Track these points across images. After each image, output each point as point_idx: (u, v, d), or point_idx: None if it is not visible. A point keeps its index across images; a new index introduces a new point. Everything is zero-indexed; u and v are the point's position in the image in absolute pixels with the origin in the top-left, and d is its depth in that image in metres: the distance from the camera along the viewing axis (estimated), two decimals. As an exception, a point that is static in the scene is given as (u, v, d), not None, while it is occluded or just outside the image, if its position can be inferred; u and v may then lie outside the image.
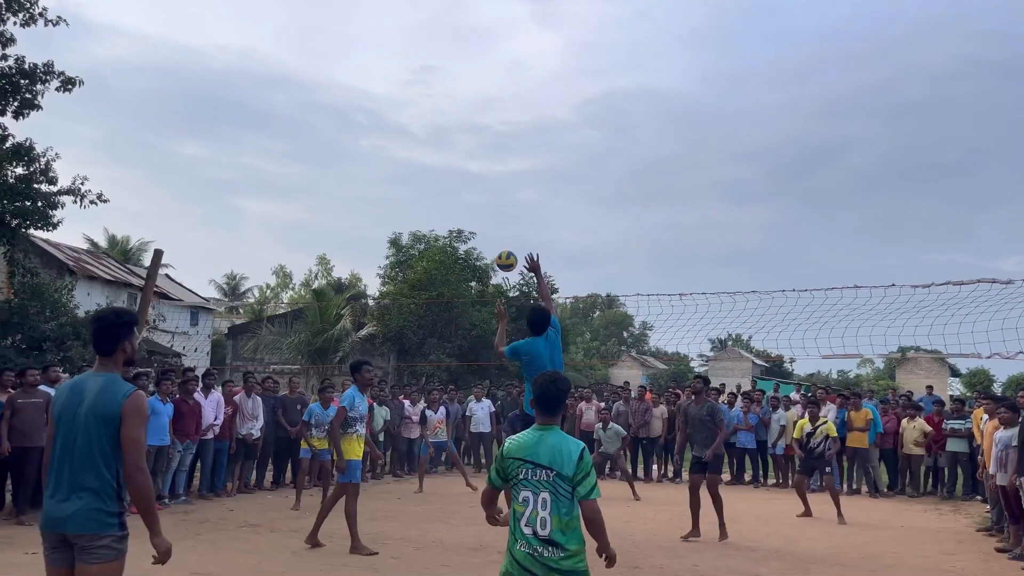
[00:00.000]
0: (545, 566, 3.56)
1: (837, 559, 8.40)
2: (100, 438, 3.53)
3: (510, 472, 3.72)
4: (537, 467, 3.64)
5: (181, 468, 10.96)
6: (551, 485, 3.61)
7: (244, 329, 33.81)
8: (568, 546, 3.58)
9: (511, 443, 3.79)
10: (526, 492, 3.64)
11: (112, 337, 3.69)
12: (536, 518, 3.59)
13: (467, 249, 29.10)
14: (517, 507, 3.66)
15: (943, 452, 13.90)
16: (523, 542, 3.60)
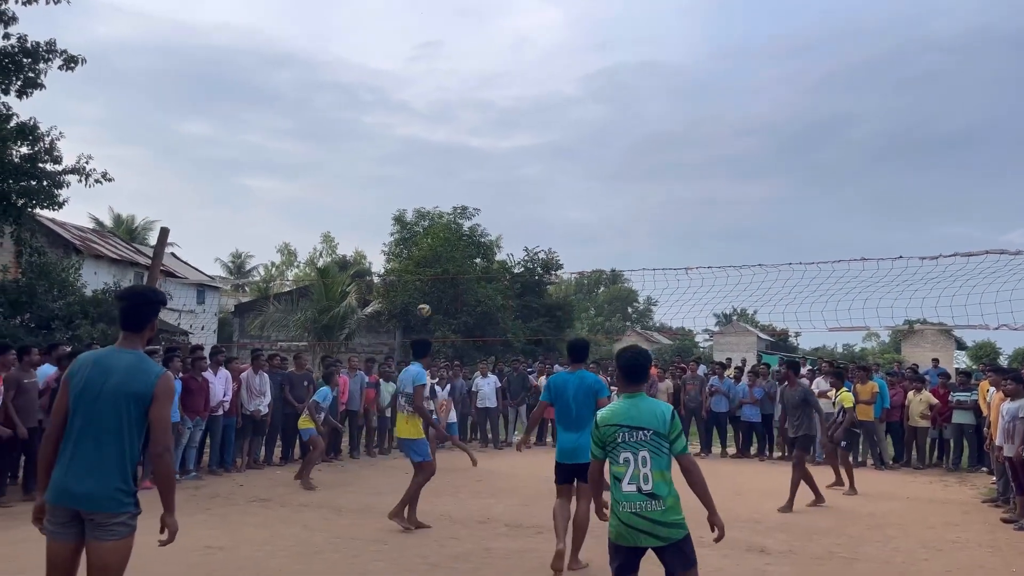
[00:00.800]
0: (650, 520, 3.87)
1: (842, 530, 8.45)
2: (129, 415, 3.53)
3: (607, 439, 4.03)
4: (634, 429, 3.99)
5: (191, 444, 11.05)
6: (649, 444, 3.96)
7: (250, 307, 33.93)
8: (667, 499, 3.91)
9: (603, 413, 4.14)
10: (626, 453, 3.97)
11: (144, 315, 3.72)
12: (639, 475, 3.92)
13: (471, 226, 29.10)
14: (618, 469, 3.97)
15: (949, 424, 13.93)
16: (626, 502, 3.91)
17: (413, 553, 6.93)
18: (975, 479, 12.67)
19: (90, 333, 15.90)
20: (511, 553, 7.04)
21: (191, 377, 10.90)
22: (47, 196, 14.34)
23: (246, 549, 6.94)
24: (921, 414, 13.93)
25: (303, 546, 7.13)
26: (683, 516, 3.97)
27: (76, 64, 14.32)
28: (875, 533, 8.36)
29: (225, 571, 6.20)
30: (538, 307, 29.00)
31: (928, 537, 8.20)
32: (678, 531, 3.90)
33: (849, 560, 7.12)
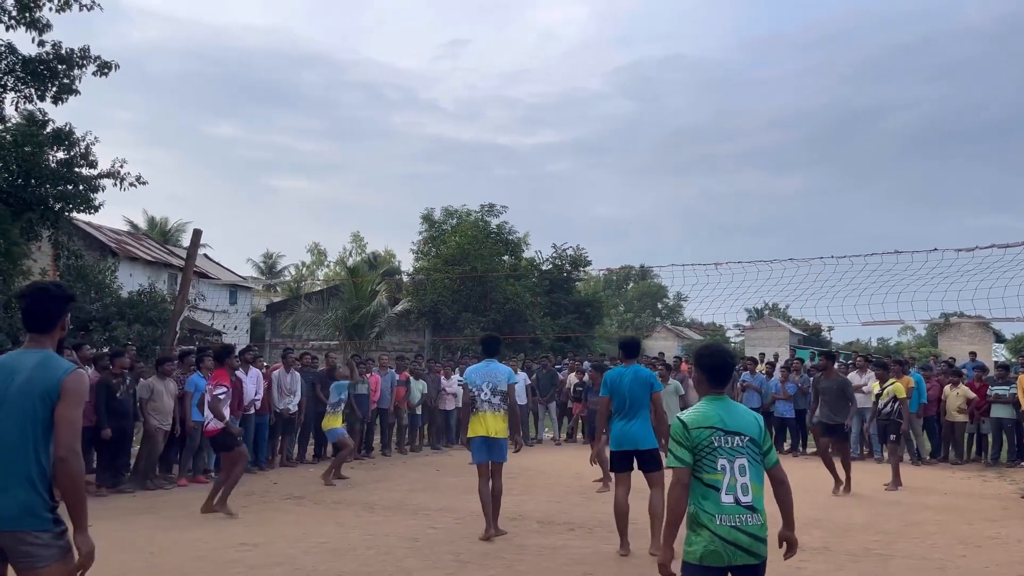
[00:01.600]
0: (751, 536, 3.44)
1: (878, 526, 8.34)
2: (36, 418, 3.08)
3: (701, 442, 3.53)
4: (729, 433, 3.55)
5: (226, 443, 11.21)
6: (746, 450, 3.55)
7: (282, 306, 34.31)
8: (762, 513, 3.51)
9: (693, 415, 3.63)
10: (722, 460, 3.50)
11: (51, 313, 3.29)
12: (736, 485, 3.48)
13: (499, 223, 29.13)
14: (714, 477, 3.49)
15: (987, 418, 13.68)
16: (723, 515, 3.44)
17: (444, 550, 6.97)
18: (1015, 474, 12.42)
19: (126, 334, 16.18)
20: (543, 549, 7.05)
21: (225, 376, 11.06)
22: (83, 200, 14.61)
23: (281, 545, 7.03)
24: (958, 408, 13.69)
25: (337, 542, 7.20)
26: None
27: (109, 70, 14.56)
28: (912, 529, 8.23)
29: (260, 568, 6.28)
30: (567, 304, 28.97)
31: (966, 533, 8.06)
32: (766, 549, 3.51)
33: (885, 557, 7.03)
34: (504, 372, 7.70)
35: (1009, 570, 6.64)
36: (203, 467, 10.84)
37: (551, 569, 6.36)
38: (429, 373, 15.27)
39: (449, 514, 8.68)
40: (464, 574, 6.22)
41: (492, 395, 7.53)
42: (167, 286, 28.59)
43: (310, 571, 6.21)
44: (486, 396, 7.52)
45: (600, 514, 8.56)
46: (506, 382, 7.61)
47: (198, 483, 10.42)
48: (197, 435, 10.49)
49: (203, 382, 10.57)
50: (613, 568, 6.43)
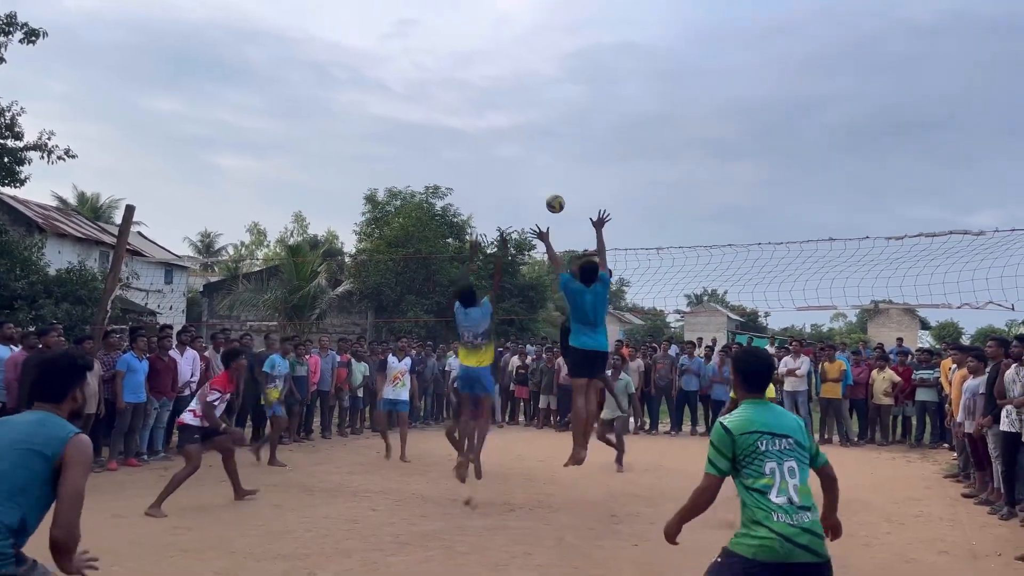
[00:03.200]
0: (809, 533, 3.37)
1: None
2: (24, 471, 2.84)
3: (747, 448, 3.47)
4: (776, 436, 3.50)
5: (159, 425, 10.94)
6: (794, 453, 3.50)
7: (219, 287, 33.56)
8: (816, 512, 3.48)
9: (736, 420, 3.57)
10: (771, 463, 3.45)
11: (66, 383, 3.08)
12: (788, 487, 3.42)
13: (444, 205, 28.94)
14: (764, 481, 3.43)
15: (912, 402, 14.23)
16: (780, 513, 3.37)
17: (384, 532, 6.95)
18: (937, 455, 12.97)
19: (54, 313, 15.61)
20: (483, 530, 7.08)
21: (158, 357, 10.77)
22: (8, 173, 14.03)
23: (215, 529, 6.91)
24: (885, 392, 14.20)
25: (273, 525, 7.10)
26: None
27: (37, 37, 13.97)
28: (841, 508, 8.50)
29: (194, 551, 6.16)
30: (511, 287, 29.01)
31: (891, 512, 8.39)
32: (826, 547, 3.46)
33: (814, 534, 7.25)
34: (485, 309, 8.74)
35: (931, 546, 6.94)
36: (135, 450, 10.53)
37: (491, 549, 6.39)
38: (371, 355, 15.13)
39: (389, 496, 8.65)
40: (404, 555, 6.20)
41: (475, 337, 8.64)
42: (98, 264, 27.65)
43: (245, 554, 6.11)
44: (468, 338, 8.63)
45: (541, 495, 8.65)
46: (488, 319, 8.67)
47: (129, 466, 10.14)
48: (127, 416, 10.19)
49: (136, 361, 10.29)
50: (553, 549, 6.50)
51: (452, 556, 6.17)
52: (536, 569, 5.87)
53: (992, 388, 8.32)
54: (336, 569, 5.76)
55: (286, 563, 5.89)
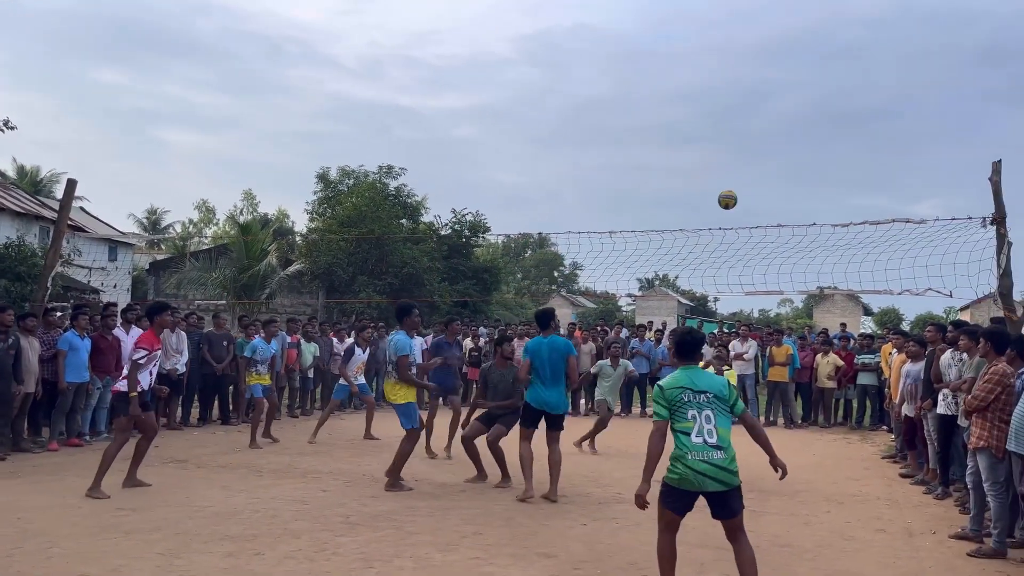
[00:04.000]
0: (716, 467, 4.40)
1: (754, 485, 8.75)
2: None
3: (674, 400, 4.52)
4: (696, 392, 4.53)
5: (102, 405, 10.69)
6: (711, 404, 4.52)
7: (166, 265, 32.83)
8: (729, 451, 4.48)
9: (667, 379, 4.66)
10: (692, 411, 4.49)
11: None
12: (704, 430, 4.45)
13: (398, 186, 28.68)
14: (685, 424, 4.47)
15: (854, 385, 14.64)
16: (695, 452, 4.41)
17: (334, 512, 6.91)
18: (876, 437, 13.37)
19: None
20: (435, 511, 7.09)
21: (101, 336, 10.50)
22: (-59, 143, 13.43)
23: (161, 510, 6.79)
24: (828, 376, 14.57)
25: (221, 506, 7.01)
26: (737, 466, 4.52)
27: (-28, 1, 13.34)
28: (782, 488, 8.70)
29: (138, 533, 6.05)
30: (465, 269, 28.95)
31: (831, 491, 8.63)
32: (736, 479, 4.49)
33: (758, 513, 7.43)
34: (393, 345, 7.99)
35: (868, 524, 7.16)
36: (77, 430, 10.27)
37: (441, 530, 6.41)
38: (322, 336, 14.98)
39: (340, 477, 8.60)
40: (354, 535, 6.18)
41: (389, 364, 8.05)
42: (38, 240, 26.77)
43: (192, 535, 6.02)
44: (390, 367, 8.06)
45: (493, 475, 8.68)
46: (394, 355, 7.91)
47: (71, 446, 9.90)
48: (69, 396, 9.93)
49: (78, 340, 10.02)
50: (503, 528, 6.54)
51: (403, 536, 6.17)
52: (486, 548, 5.91)
53: (929, 372, 8.59)
54: (284, 550, 5.72)
55: (233, 544, 5.82)
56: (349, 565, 5.42)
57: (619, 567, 5.56)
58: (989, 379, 6.33)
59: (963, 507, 7.59)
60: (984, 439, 6.29)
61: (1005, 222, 9.14)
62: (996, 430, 6.20)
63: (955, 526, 6.95)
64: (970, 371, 7.36)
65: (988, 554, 6.07)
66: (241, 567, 5.29)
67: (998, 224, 9.16)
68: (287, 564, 5.39)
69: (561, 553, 5.85)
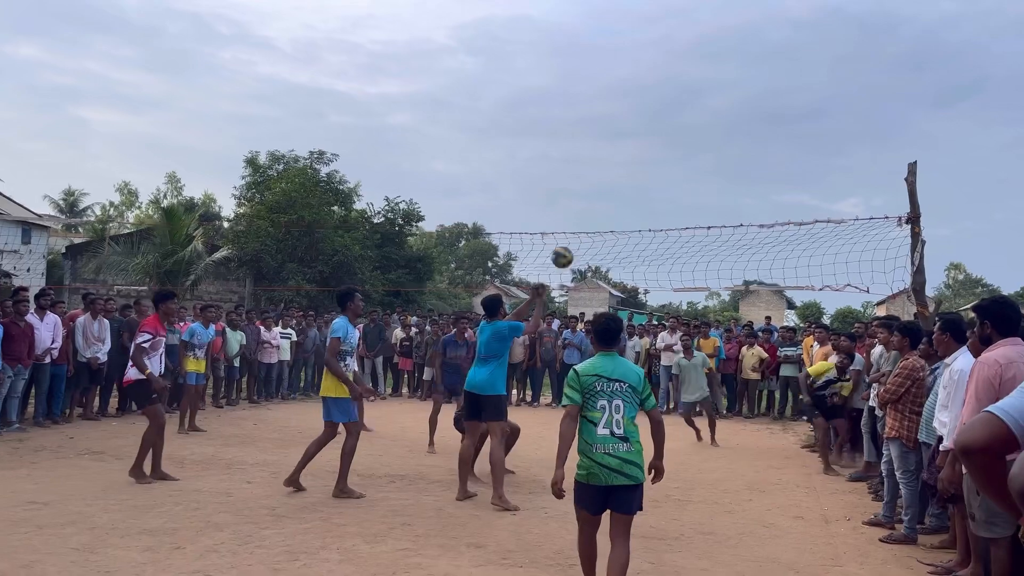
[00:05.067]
0: (620, 459, 4.29)
1: (676, 474, 8.99)
2: None
3: (588, 386, 4.40)
4: (611, 380, 4.42)
5: (13, 394, 10.20)
6: (623, 394, 4.40)
7: (84, 248, 31.54)
8: (635, 442, 4.37)
9: (584, 366, 4.55)
10: (602, 401, 4.37)
11: None
12: (612, 420, 4.34)
13: (329, 172, 28.17)
14: (594, 415, 4.35)
15: (776, 377, 15.09)
16: (600, 444, 4.30)
17: (259, 504, 6.77)
18: (797, 427, 13.82)
19: None
20: (362, 502, 7.01)
21: (12, 322, 10.02)
22: None
23: (76, 504, 6.53)
24: (752, 367, 14.99)
25: (140, 499, 6.79)
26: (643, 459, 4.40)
27: None
28: (706, 476, 8.96)
29: (51, 527, 5.80)
30: (397, 258, 28.67)
31: (753, 480, 8.89)
32: (642, 474, 4.36)
33: (683, 502, 7.61)
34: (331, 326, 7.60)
35: (787, 511, 7.40)
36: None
37: (369, 521, 6.35)
38: (248, 324, 14.64)
39: (266, 468, 8.43)
40: (279, 527, 6.07)
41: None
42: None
43: (108, 529, 5.82)
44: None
45: (422, 467, 8.65)
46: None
47: (-21, 438, 9.43)
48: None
49: (-12, 327, 9.55)
50: (432, 519, 6.52)
51: (330, 528, 6.09)
52: (414, 539, 5.88)
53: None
54: (206, 543, 5.57)
55: (152, 538, 5.64)
56: (274, 558, 5.32)
57: (546, 556, 5.60)
58: (900, 373, 6.60)
59: (875, 495, 7.92)
60: (896, 429, 6.56)
61: (919, 221, 9.55)
62: (908, 421, 6.48)
63: (868, 513, 7.24)
64: (887, 364, 7.67)
65: (899, 540, 6.35)
66: (160, 561, 5.14)
67: (913, 223, 9.57)
68: (209, 558, 5.26)
69: (490, 543, 5.87)
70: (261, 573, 5.01)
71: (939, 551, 6.05)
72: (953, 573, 5.44)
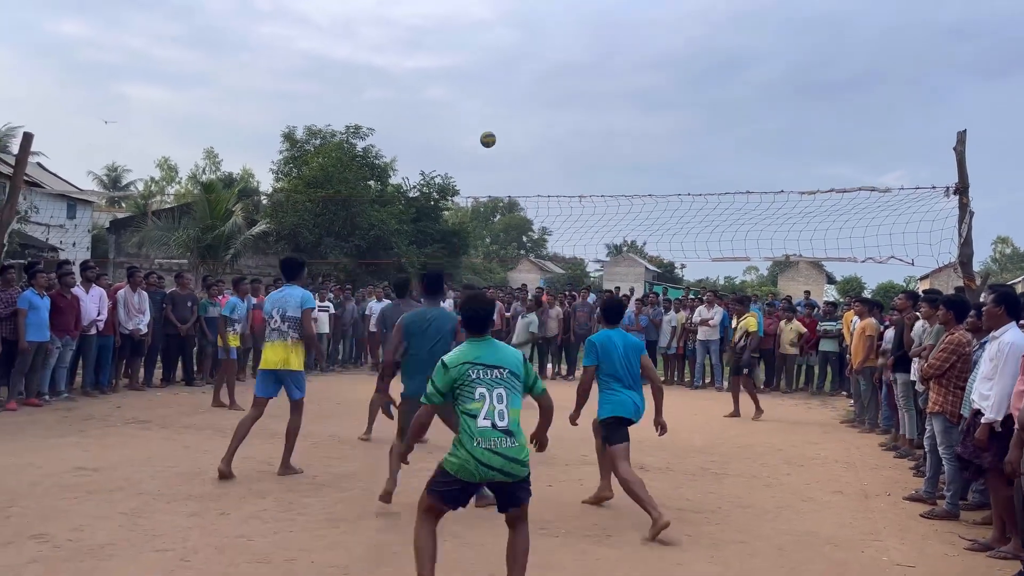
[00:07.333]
0: (503, 457, 3.82)
1: (714, 448, 8.97)
2: None
3: (459, 378, 3.91)
4: (489, 367, 3.94)
5: (61, 364, 10.48)
6: (505, 381, 3.93)
7: (127, 223, 32.14)
8: (520, 437, 3.90)
9: (452, 354, 4.04)
10: (481, 389, 3.88)
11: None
12: (494, 411, 3.85)
13: (365, 147, 28.27)
14: (473, 405, 3.86)
15: (816, 352, 14.90)
16: (480, 438, 3.81)
17: (302, 475, 6.89)
18: (835, 402, 13.68)
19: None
20: (404, 471, 7.09)
21: (59, 294, 10.27)
22: None
23: (124, 470, 6.71)
24: (791, 342, 14.81)
25: (186, 466, 6.95)
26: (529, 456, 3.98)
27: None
28: (744, 451, 8.91)
29: (99, 492, 5.98)
30: (433, 233, 28.77)
31: (791, 455, 8.82)
32: (526, 468, 3.93)
33: (719, 475, 7.58)
34: (296, 297, 6.91)
35: (827, 486, 7.34)
36: (36, 389, 10.08)
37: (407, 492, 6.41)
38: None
39: (306, 439, 8.52)
40: (320, 496, 6.19)
41: (282, 322, 6.87)
42: (-7, 195, 26.06)
43: (155, 495, 5.97)
44: (275, 325, 6.87)
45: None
46: (298, 308, 6.84)
47: (30, 406, 9.71)
48: (29, 355, 9.72)
49: (38, 298, 9.79)
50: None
51: (370, 497, 6.15)
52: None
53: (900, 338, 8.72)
54: (250, 510, 5.70)
55: (197, 504, 5.78)
56: (315, 525, 5.42)
57: (584, 527, 5.65)
58: (945, 347, 6.47)
59: (916, 470, 7.81)
60: (939, 404, 6.44)
61: (968, 192, 9.29)
62: (952, 396, 6.35)
63: (909, 488, 7.15)
64: (929, 338, 7.52)
65: (941, 515, 6.26)
66: (206, 526, 5.27)
67: (961, 194, 9.32)
68: (252, 524, 5.38)
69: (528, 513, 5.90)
70: (303, 539, 5.12)
71: (981, 527, 5.96)
72: (994, 550, 5.36)
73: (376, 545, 5.07)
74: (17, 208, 11.74)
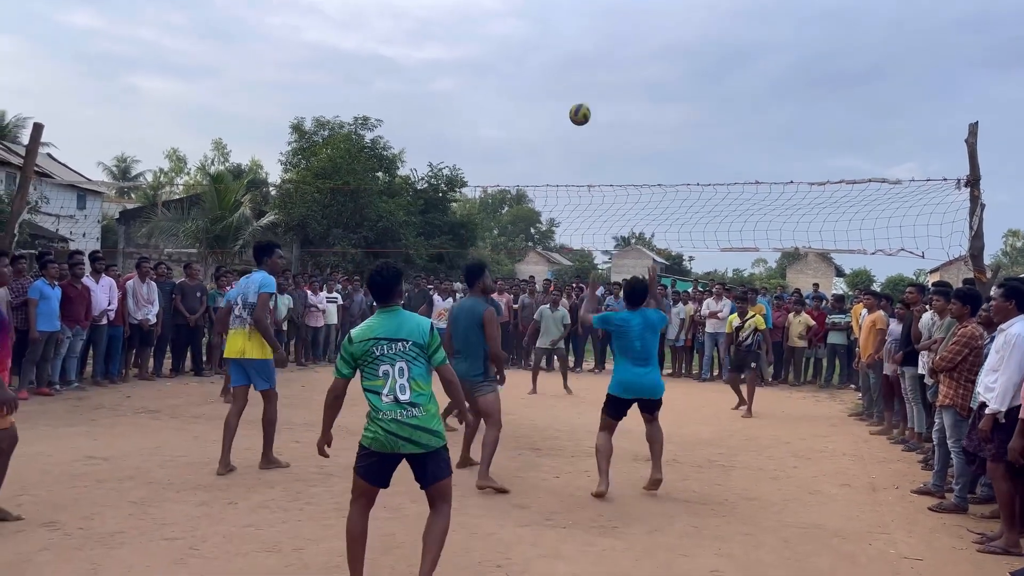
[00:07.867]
0: (408, 426, 3.87)
1: (722, 441, 8.96)
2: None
3: (363, 355, 3.95)
4: (392, 341, 3.95)
5: (71, 354, 10.55)
6: (407, 355, 3.94)
7: (137, 214, 32.29)
8: (427, 406, 3.94)
9: (358, 330, 4.05)
10: (384, 366, 3.92)
11: None
12: (396, 386, 3.90)
13: (374, 138, 28.27)
14: (375, 383, 3.92)
15: (824, 344, 14.85)
16: (385, 411, 3.89)
17: (309, 464, 6.92)
18: (844, 395, 13.63)
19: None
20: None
21: (70, 284, 10.32)
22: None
23: (134, 459, 6.76)
24: (799, 335, 14.76)
25: (195, 457, 6.99)
26: (440, 421, 4.01)
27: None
28: (751, 444, 8.89)
29: (109, 481, 6.03)
30: (441, 224, 28.78)
31: (799, 448, 8.80)
32: (438, 439, 3.94)
33: (727, 468, 7.58)
34: (255, 281, 6.60)
35: (834, 479, 7.32)
36: (47, 379, 10.15)
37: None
38: (296, 288, 14.87)
39: (314, 429, 8.51)
40: (327, 485, 6.22)
41: (243, 308, 6.58)
42: (3, 186, 26.23)
43: (165, 484, 6.02)
44: (238, 312, 6.63)
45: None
46: (254, 292, 6.51)
47: (41, 395, 9.79)
48: (40, 345, 9.78)
49: (48, 288, 9.84)
50: (476, 479, 6.59)
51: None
52: (459, 500, 5.93)
53: (908, 332, 8.68)
54: (258, 499, 5.73)
55: (206, 493, 5.82)
56: (323, 514, 5.45)
57: (589, 517, 5.65)
58: (958, 341, 6.43)
59: (925, 464, 7.79)
60: (950, 398, 6.41)
61: (979, 184, 9.23)
62: (963, 389, 6.32)
63: (917, 481, 7.13)
64: (939, 332, 7.48)
65: (949, 508, 6.24)
66: (214, 515, 5.30)
67: (972, 186, 9.25)
68: (260, 513, 5.41)
69: (533, 504, 5.94)
70: (311, 529, 5.15)
71: (990, 521, 5.94)
72: (988, 543, 5.35)
73: (383, 534, 5.09)
74: (28, 198, 11.77)
